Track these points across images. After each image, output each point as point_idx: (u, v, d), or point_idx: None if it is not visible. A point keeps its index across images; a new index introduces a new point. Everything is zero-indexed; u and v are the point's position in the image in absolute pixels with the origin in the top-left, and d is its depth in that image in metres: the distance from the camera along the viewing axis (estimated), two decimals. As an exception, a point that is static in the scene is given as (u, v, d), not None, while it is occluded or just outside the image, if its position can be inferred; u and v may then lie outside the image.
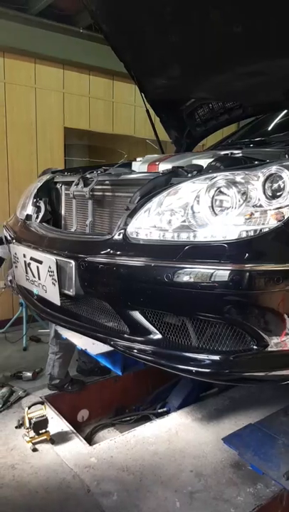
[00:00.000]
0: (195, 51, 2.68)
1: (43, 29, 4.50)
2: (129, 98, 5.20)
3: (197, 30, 2.51)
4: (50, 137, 4.85)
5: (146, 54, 2.92)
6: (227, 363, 1.57)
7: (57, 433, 2.84)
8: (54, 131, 4.88)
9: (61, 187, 2.59)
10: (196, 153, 2.55)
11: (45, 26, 4.49)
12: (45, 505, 2.26)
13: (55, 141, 4.90)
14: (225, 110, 3.29)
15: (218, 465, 2.52)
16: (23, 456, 2.62)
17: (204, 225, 1.61)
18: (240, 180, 1.61)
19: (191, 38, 2.59)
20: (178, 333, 1.68)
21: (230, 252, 1.50)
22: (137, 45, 2.90)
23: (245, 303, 1.52)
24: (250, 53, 2.49)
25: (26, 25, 4.38)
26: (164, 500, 2.26)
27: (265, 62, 2.51)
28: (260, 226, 1.53)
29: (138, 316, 1.72)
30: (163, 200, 1.74)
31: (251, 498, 2.27)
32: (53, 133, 4.88)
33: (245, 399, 3.23)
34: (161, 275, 1.57)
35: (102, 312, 1.94)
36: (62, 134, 4.96)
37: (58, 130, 4.91)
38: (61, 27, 4.61)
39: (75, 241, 2.09)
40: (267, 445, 2.46)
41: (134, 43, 2.90)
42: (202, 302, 1.55)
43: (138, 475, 2.45)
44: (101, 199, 2.20)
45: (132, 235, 1.74)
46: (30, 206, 2.59)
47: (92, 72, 5.04)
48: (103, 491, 2.33)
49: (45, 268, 2.01)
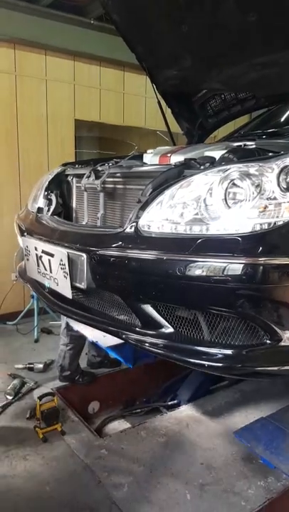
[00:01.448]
0: (208, 41, 2.65)
1: (53, 20, 4.46)
2: (140, 89, 5.15)
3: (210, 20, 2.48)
4: (60, 129, 4.83)
5: (158, 45, 2.89)
6: (240, 357, 1.56)
7: (68, 424, 2.86)
8: (65, 124, 4.86)
9: (72, 180, 2.58)
10: (209, 145, 2.52)
11: (55, 17, 4.46)
12: (56, 496, 2.28)
13: (65, 133, 4.88)
14: (237, 101, 3.26)
15: (228, 458, 2.52)
16: (35, 447, 2.64)
17: (217, 218, 1.60)
18: (254, 173, 1.59)
19: (204, 27, 2.56)
20: (190, 327, 1.67)
21: (243, 246, 1.48)
22: (148, 36, 2.88)
23: (259, 297, 1.50)
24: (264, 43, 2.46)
25: (37, 16, 4.34)
26: (174, 492, 2.27)
27: (280, 52, 2.47)
28: (275, 219, 1.51)
29: (150, 309, 1.72)
30: (175, 193, 1.73)
31: (262, 491, 2.26)
32: (64, 125, 4.86)
33: (255, 392, 3.22)
34: (174, 268, 1.56)
35: (113, 305, 1.93)
36: (72, 126, 4.94)
37: (69, 122, 4.89)
38: (72, 18, 4.57)
39: (86, 234, 2.08)
40: (278, 439, 2.45)
41: (146, 34, 2.88)
42: (215, 296, 1.54)
43: (148, 467, 2.46)
44: (112, 192, 2.19)
45: (143, 227, 1.73)
46: (42, 199, 2.59)
47: (103, 63, 5.00)
48: (114, 482, 2.34)
49: (57, 261, 2.01)
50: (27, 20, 4.30)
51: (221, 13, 2.37)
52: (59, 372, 3.35)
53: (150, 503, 2.21)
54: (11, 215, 2.90)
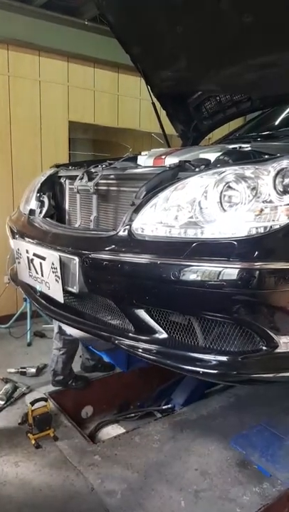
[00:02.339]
0: (203, 42, 2.63)
1: (47, 21, 4.43)
2: (135, 91, 5.13)
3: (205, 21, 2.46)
4: (54, 131, 4.79)
5: (153, 46, 2.87)
6: (235, 364, 1.53)
7: (60, 430, 2.82)
8: (58, 125, 4.82)
9: (65, 181, 2.55)
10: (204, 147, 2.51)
11: (49, 18, 4.43)
12: (49, 503, 2.24)
13: (59, 135, 4.85)
14: (233, 103, 3.23)
15: (223, 464, 2.49)
16: (27, 453, 2.60)
17: (212, 222, 1.57)
18: (250, 175, 1.57)
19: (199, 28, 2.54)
20: (184, 333, 1.64)
21: (239, 250, 1.45)
22: (143, 37, 2.86)
23: (255, 302, 1.47)
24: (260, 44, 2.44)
25: (30, 17, 4.32)
26: (168, 499, 2.24)
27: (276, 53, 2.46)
28: (271, 223, 1.48)
29: (143, 314, 1.69)
30: (169, 196, 1.70)
31: (257, 498, 2.23)
32: (58, 127, 4.82)
33: (250, 396, 3.19)
34: (168, 273, 1.53)
35: (106, 310, 1.90)
36: (66, 128, 4.91)
37: (63, 124, 4.85)
38: (66, 19, 4.55)
39: (78, 237, 2.05)
40: (274, 446, 2.42)
41: (141, 35, 2.86)
42: (209, 301, 1.51)
43: (142, 473, 2.43)
44: (106, 194, 2.16)
45: (137, 231, 1.70)
46: (34, 201, 2.55)
47: (97, 65, 4.97)
48: (107, 489, 2.30)
49: (49, 264, 1.98)
50: (21, 21, 4.27)
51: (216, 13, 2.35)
52: (52, 376, 3.31)
53: (144, 510, 2.17)
54: (4, 218, 2.86)
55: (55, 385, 3.31)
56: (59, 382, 3.29)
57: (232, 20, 2.34)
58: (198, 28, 2.55)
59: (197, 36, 2.61)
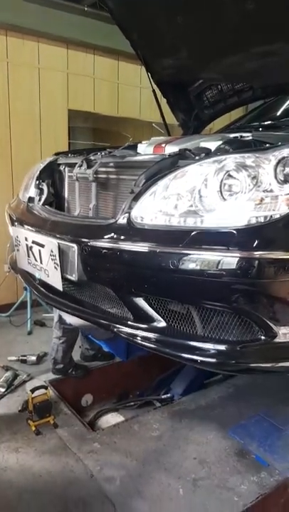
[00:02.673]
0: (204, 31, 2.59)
1: (46, 7, 4.36)
2: (135, 80, 5.07)
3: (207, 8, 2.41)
4: (53, 119, 4.75)
5: (154, 32, 2.82)
6: (233, 353, 1.53)
7: (60, 417, 2.84)
8: (58, 113, 4.78)
9: (64, 169, 2.53)
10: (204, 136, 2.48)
11: (48, 4, 4.36)
12: (48, 488, 2.26)
13: (59, 123, 4.80)
14: (234, 92, 3.20)
15: (222, 453, 2.50)
16: (27, 439, 2.61)
17: (212, 210, 1.56)
18: (251, 164, 1.55)
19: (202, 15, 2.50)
20: (183, 322, 1.64)
21: (238, 239, 1.44)
22: (144, 23, 2.81)
23: (254, 292, 1.47)
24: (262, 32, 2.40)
25: (29, 2, 4.24)
26: (167, 486, 2.25)
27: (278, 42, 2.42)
28: (271, 212, 1.47)
29: (142, 303, 1.68)
30: (169, 184, 1.68)
31: (255, 487, 2.25)
32: (57, 115, 4.77)
33: (249, 387, 3.20)
34: (167, 262, 1.52)
35: (105, 298, 1.89)
36: (66, 116, 4.86)
37: (62, 112, 4.81)
38: (65, 5, 4.48)
39: (77, 225, 2.04)
40: (273, 436, 2.42)
41: (141, 21, 2.81)
42: (208, 290, 1.51)
43: (141, 461, 2.44)
44: (105, 182, 2.14)
45: (136, 219, 1.69)
46: (33, 188, 2.53)
47: (97, 52, 4.91)
48: (106, 476, 2.32)
49: (48, 252, 1.97)
50: (19, 7, 4.20)
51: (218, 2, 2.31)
52: (52, 365, 3.32)
53: (143, 497, 2.19)
54: (3, 206, 2.85)
55: (55, 373, 3.32)
56: (59, 371, 3.30)
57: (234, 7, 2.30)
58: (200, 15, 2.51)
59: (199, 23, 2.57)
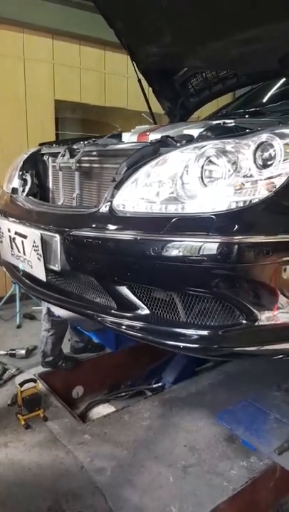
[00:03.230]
0: (189, 16, 2.57)
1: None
2: (122, 69, 5.02)
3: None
4: (40, 110, 4.71)
5: (138, 20, 2.80)
6: (216, 337, 1.53)
7: (50, 410, 2.83)
8: (44, 104, 4.74)
9: (48, 159, 2.50)
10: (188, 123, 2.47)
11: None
12: (38, 481, 2.25)
13: (45, 114, 4.76)
14: (218, 79, 3.18)
15: (211, 439, 2.51)
16: (16, 433, 2.61)
17: (193, 197, 1.55)
18: (231, 150, 1.54)
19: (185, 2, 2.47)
20: (166, 309, 1.63)
21: (218, 224, 1.44)
22: (127, 11, 2.78)
23: (234, 276, 1.46)
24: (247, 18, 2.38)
25: (13, -8, 4.20)
26: (157, 474, 2.26)
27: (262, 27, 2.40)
28: (251, 197, 1.47)
29: (125, 291, 1.67)
30: (150, 171, 1.67)
31: (244, 472, 2.26)
32: (44, 105, 4.73)
33: (239, 373, 3.21)
34: (148, 249, 1.51)
35: (89, 288, 1.88)
36: (52, 107, 4.82)
37: (49, 102, 4.77)
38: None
39: (60, 214, 2.02)
40: (259, 420, 2.44)
41: (125, 9, 2.78)
42: (190, 276, 1.50)
43: (132, 450, 2.45)
44: (88, 171, 2.12)
45: (118, 207, 1.68)
46: (17, 179, 2.51)
47: (83, 42, 4.87)
48: (97, 467, 2.32)
49: (30, 243, 1.95)
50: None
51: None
52: (41, 358, 3.31)
53: (133, 486, 2.19)
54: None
55: (44, 366, 3.31)
56: (48, 364, 3.29)
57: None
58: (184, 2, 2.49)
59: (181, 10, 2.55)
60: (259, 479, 2.24)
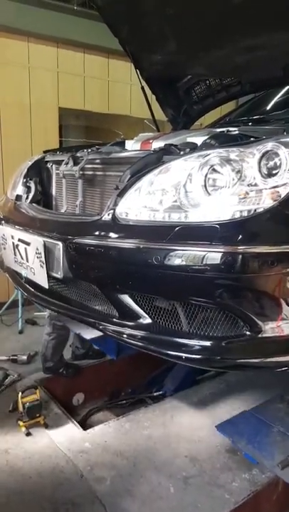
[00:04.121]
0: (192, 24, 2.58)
1: (36, 6, 4.35)
2: (125, 77, 5.06)
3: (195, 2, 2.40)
4: (44, 118, 4.74)
5: (142, 28, 2.81)
6: (218, 349, 1.51)
7: (51, 417, 2.82)
8: (48, 112, 4.77)
9: (52, 166, 2.51)
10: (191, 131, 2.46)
11: (37, 3, 4.35)
12: (38, 489, 2.24)
13: (49, 121, 4.79)
14: (222, 87, 3.18)
15: (213, 450, 2.49)
16: (17, 440, 2.60)
17: (197, 205, 1.54)
18: (235, 158, 1.53)
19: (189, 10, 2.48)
20: (168, 318, 1.62)
21: (222, 234, 1.42)
22: (131, 20, 2.80)
23: (238, 287, 1.44)
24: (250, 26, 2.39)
25: (18, 2, 4.23)
26: (157, 485, 2.24)
27: (266, 35, 2.41)
28: (255, 206, 1.45)
29: (127, 299, 1.66)
30: (154, 179, 1.67)
31: (246, 484, 2.24)
32: (48, 113, 4.76)
33: (241, 383, 3.19)
34: (151, 257, 1.50)
35: (91, 295, 1.87)
36: (56, 115, 4.85)
37: (53, 110, 4.80)
38: (55, 4, 4.48)
39: (63, 222, 2.02)
40: (261, 433, 2.40)
41: (129, 17, 2.79)
42: (193, 286, 1.48)
43: (132, 460, 2.43)
44: (91, 178, 2.12)
45: (121, 215, 1.67)
46: (21, 186, 2.51)
47: (87, 50, 4.90)
48: (96, 476, 2.31)
49: (33, 250, 1.95)
50: (9, 7, 4.20)
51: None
52: (42, 362, 3.29)
53: (133, 496, 2.18)
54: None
55: (45, 371, 3.30)
56: (49, 369, 3.27)
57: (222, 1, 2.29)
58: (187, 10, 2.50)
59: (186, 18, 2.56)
60: (261, 492, 2.21)
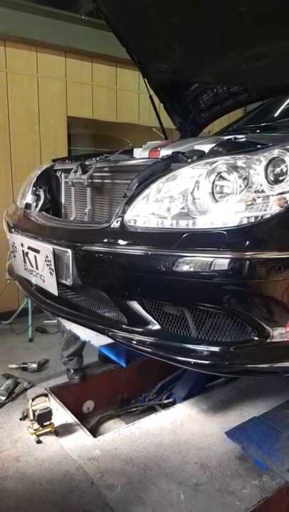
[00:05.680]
0: (199, 33, 2.61)
1: (43, 16, 4.40)
2: (133, 85, 5.11)
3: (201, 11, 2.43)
4: (53, 126, 4.79)
5: (149, 37, 2.85)
6: (227, 354, 1.52)
7: (61, 425, 2.82)
8: (57, 121, 4.81)
9: (61, 175, 2.54)
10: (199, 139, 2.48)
11: (45, 13, 4.40)
12: (48, 496, 2.24)
13: (58, 130, 4.84)
14: (230, 95, 3.21)
15: (223, 457, 2.48)
16: (27, 448, 2.60)
17: (204, 212, 1.55)
18: (242, 165, 1.55)
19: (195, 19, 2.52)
20: (177, 324, 1.63)
21: (229, 240, 1.44)
22: (139, 29, 2.84)
23: (246, 292, 1.46)
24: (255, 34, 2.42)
25: (26, 12, 4.29)
26: (168, 492, 2.23)
27: (271, 43, 2.44)
28: (262, 212, 1.47)
29: (136, 306, 1.68)
30: (162, 187, 1.69)
31: (257, 491, 2.22)
32: (56, 122, 4.81)
33: (252, 389, 3.17)
34: (159, 264, 1.52)
35: (100, 302, 1.89)
36: (65, 123, 4.89)
37: (61, 119, 4.84)
38: (62, 14, 4.52)
39: (72, 230, 2.04)
40: (271, 439, 2.39)
41: (136, 26, 2.83)
42: (201, 292, 1.50)
43: (142, 467, 2.42)
44: (100, 186, 2.15)
45: (129, 222, 1.69)
46: (30, 195, 2.55)
47: (95, 59, 4.95)
48: (107, 483, 2.30)
49: (43, 257, 1.97)
50: (16, 16, 4.24)
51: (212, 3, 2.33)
52: None
53: (143, 504, 2.17)
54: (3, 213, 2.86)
55: None
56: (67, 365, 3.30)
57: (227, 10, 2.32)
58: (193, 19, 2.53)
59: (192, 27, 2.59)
60: (272, 499, 2.19)
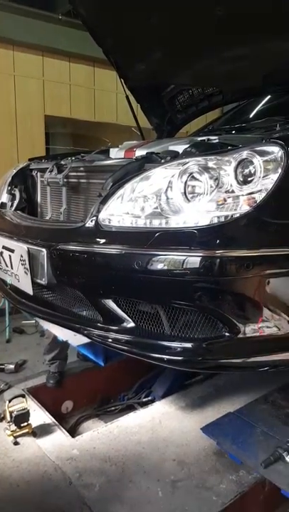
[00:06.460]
0: (175, 35, 2.63)
1: (21, 15, 4.40)
2: (111, 85, 5.11)
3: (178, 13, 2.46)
4: (30, 125, 4.77)
5: (126, 39, 2.86)
6: (199, 350, 1.54)
7: (39, 425, 2.80)
8: (34, 120, 4.80)
9: (37, 174, 2.54)
10: (173, 139, 2.51)
11: (23, 13, 4.40)
12: (26, 498, 2.23)
13: (35, 129, 4.82)
14: (204, 96, 3.25)
15: (200, 453, 2.50)
16: (4, 449, 2.58)
17: (177, 212, 1.58)
18: (213, 166, 1.58)
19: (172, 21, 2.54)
20: (151, 322, 1.65)
21: (200, 238, 1.47)
22: (115, 30, 2.84)
23: (216, 290, 1.49)
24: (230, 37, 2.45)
25: (2, 11, 4.27)
26: (146, 490, 2.24)
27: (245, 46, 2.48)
28: (232, 212, 1.50)
29: (111, 304, 1.69)
30: (136, 187, 1.71)
31: (234, 486, 2.25)
32: (34, 121, 4.80)
33: (229, 386, 3.21)
34: (133, 262, 1.54)
35: (75, 301, 1.90)
36: (42, 122, 4.89)
37: (39, 118, 4.84)
38: (40, 13, 4.53)
39: (47, 229, 2.05)
40: (245, 434, 2.42)
41: (113, 27, 2.84)
42: (174, 289, 1.53)
43: (120, 465, 2.43)
44: (75, 186, 2.16)
45: (104, 222, 1.71)
46: (5, 194, 2.54)
47: (73, 59, 4.96)
48: (85, 482, 2.30)
49: (17, 257, 1.97)
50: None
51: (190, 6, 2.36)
52: None
53: (121, 502, 2.18)
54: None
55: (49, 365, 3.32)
56: None
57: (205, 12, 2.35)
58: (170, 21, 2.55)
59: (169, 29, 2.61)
60: (248, 493, 2.22)
